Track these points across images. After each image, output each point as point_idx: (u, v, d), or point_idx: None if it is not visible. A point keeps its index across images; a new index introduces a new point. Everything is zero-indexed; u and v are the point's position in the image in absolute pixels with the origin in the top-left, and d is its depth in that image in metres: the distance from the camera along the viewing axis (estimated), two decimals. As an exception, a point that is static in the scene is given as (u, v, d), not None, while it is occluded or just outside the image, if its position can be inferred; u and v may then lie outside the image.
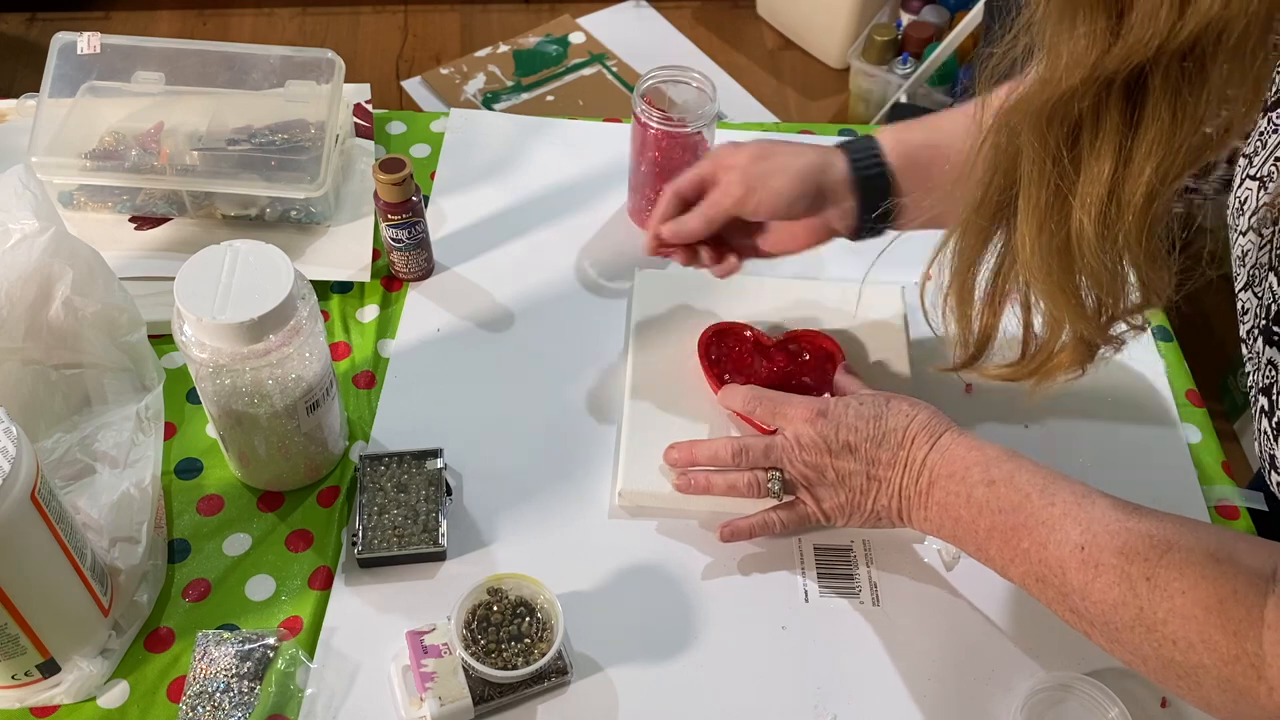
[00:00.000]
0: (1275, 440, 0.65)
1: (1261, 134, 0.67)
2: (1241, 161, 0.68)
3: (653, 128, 0.97)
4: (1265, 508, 0.89)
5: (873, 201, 0.84)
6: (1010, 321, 0.64)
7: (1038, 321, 0.59)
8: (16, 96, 1.10)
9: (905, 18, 2.36)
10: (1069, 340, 0.58)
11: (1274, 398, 0.64)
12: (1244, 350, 0.68)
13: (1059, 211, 0.49)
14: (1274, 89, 0.69)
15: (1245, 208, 0.66)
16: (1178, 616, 0.62)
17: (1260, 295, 0.65)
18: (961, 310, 0.64)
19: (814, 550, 0.84)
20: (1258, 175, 0.66)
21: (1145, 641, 0.64)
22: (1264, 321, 0.65)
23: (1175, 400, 0.95)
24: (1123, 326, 0.56)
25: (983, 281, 0.61)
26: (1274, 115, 0.67)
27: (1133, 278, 0.51)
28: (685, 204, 0.88)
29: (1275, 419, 0.64)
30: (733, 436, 0.84)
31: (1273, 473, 0.65)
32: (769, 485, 0.81)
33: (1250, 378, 0.67)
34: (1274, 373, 0.64)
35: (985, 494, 0.72)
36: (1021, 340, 0.60)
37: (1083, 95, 0.45)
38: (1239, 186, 0.67)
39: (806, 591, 0.82)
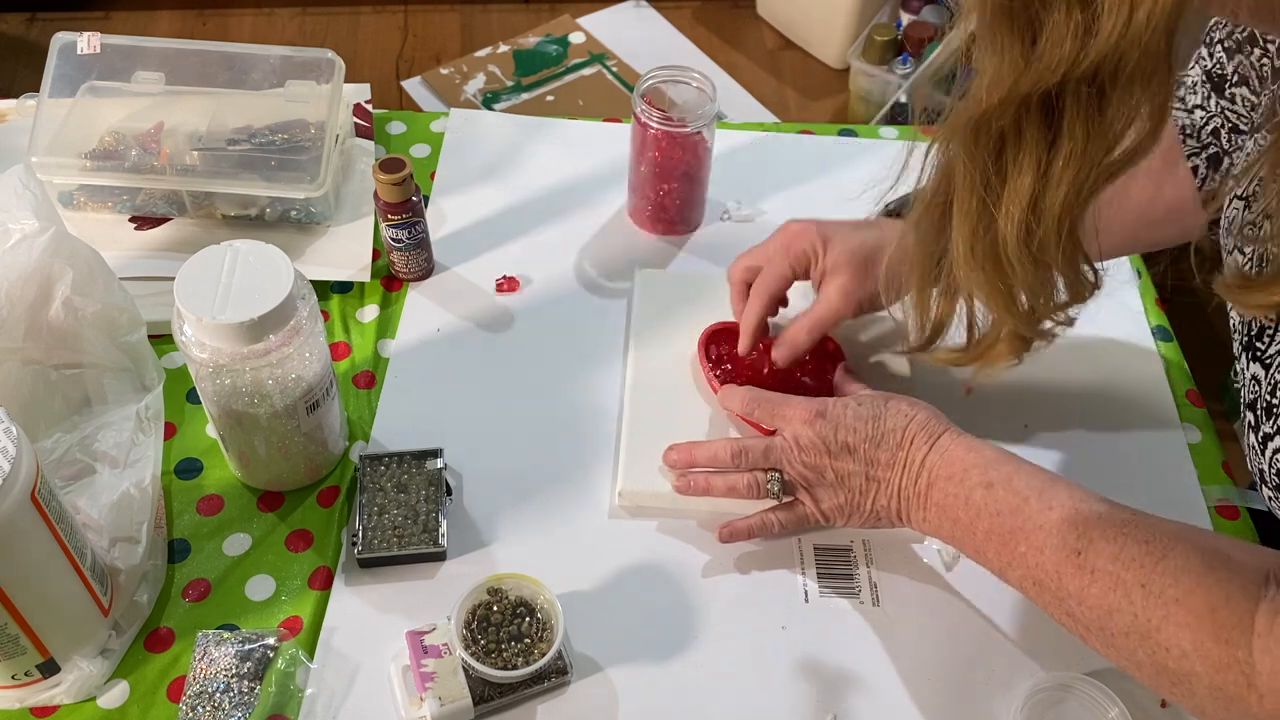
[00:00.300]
0: (1262, 453, 0.65)
1: (1246, 154, 0.68)
2: (1229, 183, 0.69)
3: (653, 128, 0.97)
4: (1265, 507, 0.89)
5: None
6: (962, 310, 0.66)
7: (980, 314, 0.61)
8: (16, 96, 1.10)
9: (905, 18, 2.36)
10: (1006, 333, 0.60)
11: (1259, 413, 0.65)
12: (1235, 366, 0.69)
13: (986, 219, 0.53)
14: (1259, 111, 0.69)
15: (1232, 227, 0.68)
16: (1172, 624, 0.62)
17: (1243, 312, 0.65)
18: (919, 299, 0.66)
19: (814, 550, 0.84)
20: (1244, 195, 0.68)
21: (1140, 648, 0.64)
22: (1247, 338, 0.66)
23: (1175, 400, 0.95)
24: (1050, 323, 0.60)
25: (937, 274, 0.64)
26: (1258, 137, 0.68)
27: (1059, 282, 0.55)
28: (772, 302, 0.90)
29: (1260, 433, 0.65)
30: (732, 438, 0.84)
31: (1263, 487, 0.66)
32: (768, 486, 0.81)
33: (1241, 393, 0.68)
34: (1257, 388, 0.65)
35: (983, 497, 0.72)
36: (966, 329, 0.62)
37: (1002, 114, 0.49)
38: (1227, 207, 0.69)
39: (806, 591, 0.82)
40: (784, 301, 0.92)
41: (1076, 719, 0.76)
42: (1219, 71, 0.79)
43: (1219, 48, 0.79)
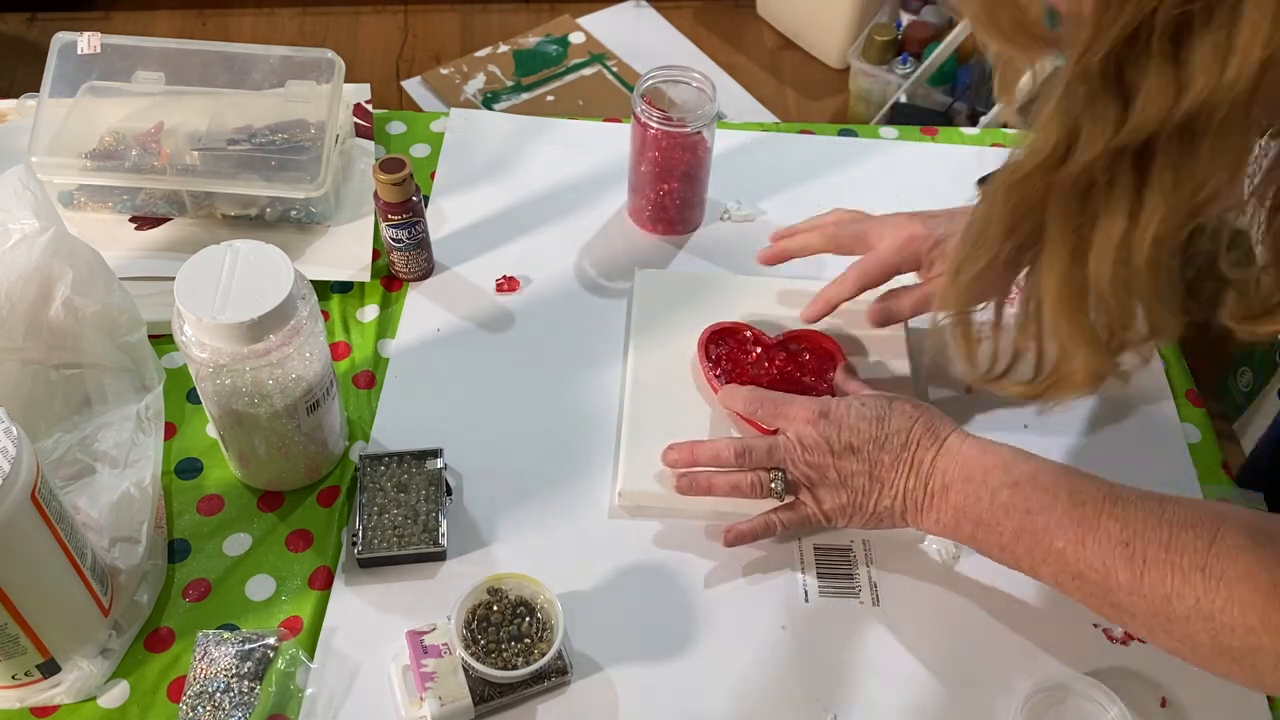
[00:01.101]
0: None
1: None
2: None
3: (652, 128, 0.97)
4: (1265, 508, 0.90)
5: None
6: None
7: (1050, 348, 0.62)
8: (16, 96, 1.10)
9: (905, 18, 2.36)
10: (1079, 367, 0.61)
11: None
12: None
13: (1079, 263, 0.55)
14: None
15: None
16: (1237, 604, 0.63)
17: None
18: (990, 333, 0.66)
19: (814, 550, 0.84)
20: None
21: (1201, 630, 0.65)
22: None
23: (1175, 400, 0.95)
24: (1129, 359, 0.61)
25: (1005, 312, 0.64)
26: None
27: (1141, 316, 0.57)
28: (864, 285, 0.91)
29: None
30: (735, 437, 0.84)
31: None
32: (772, 485, 0.81)
33: None
34: None
35: (1010, 496, 0.73)
36: (1035, 365, 0.63)
37: (1100, 166, 0.52)
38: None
39: (806, 591, 0.82)
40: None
41: (1076, 719, 0.76)
42: None
43: None
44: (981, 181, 0.95)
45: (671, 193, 1.02)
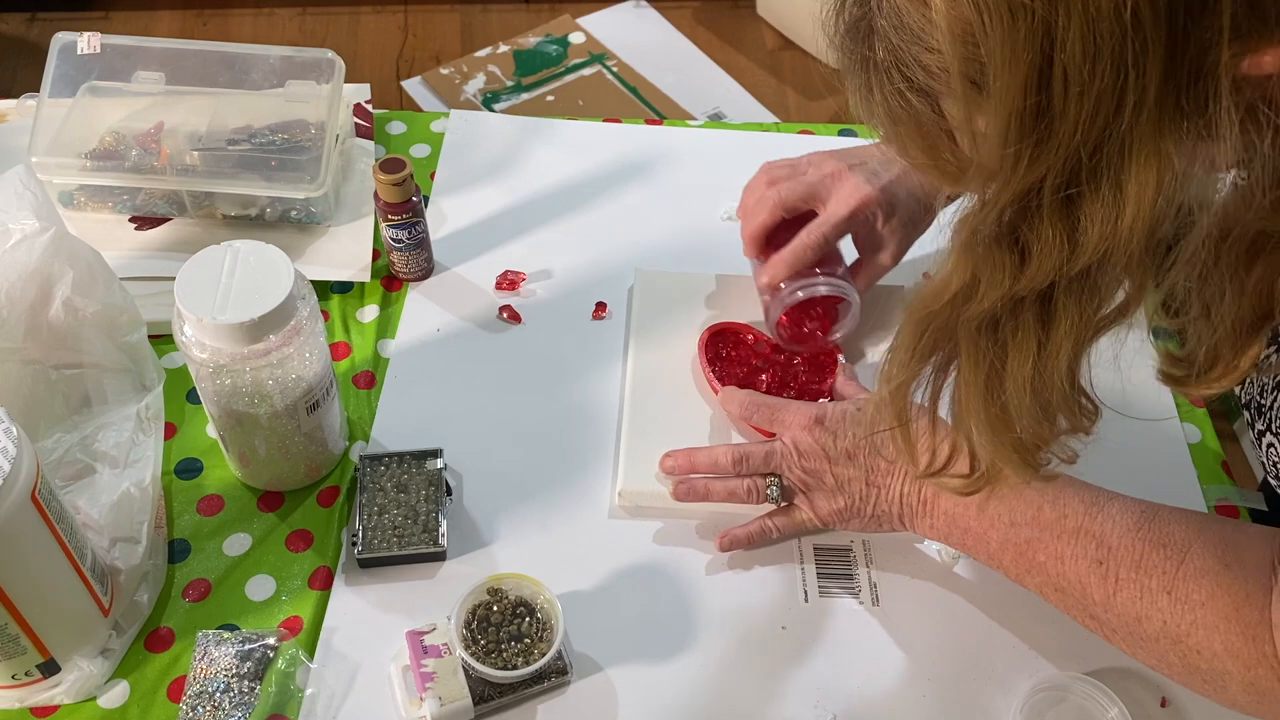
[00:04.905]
0: (1259, 446, 0.66)
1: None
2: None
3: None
4: (1265, 508, 0.90)
5: None
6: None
7: (981, 450, 0.62)
8: (16, 96, 1.10)
9: (905, 18, 2.36)
10: (1009, 471, 0.62)
11: (1252, 411, 0.68)
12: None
13: (995, 390, 0.56)
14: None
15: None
16: (1201, 628, 0.64)
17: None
18: (926, 435, 0.67)
19: (814, 550, 0.84)
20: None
21: (1171, 651, 0.66)
22: None
23: (1175, 400, 0.95)
24: (1061, 451, 0.61)
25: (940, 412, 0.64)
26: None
27: (1063, 419, 0.58)
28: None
29: (1255, 430, 0.66)
30: (733, 444, 0.84)
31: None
32: (768, 491, 0.81)
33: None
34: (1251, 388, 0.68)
35: (996, 506, 0.73)
36: (969, 463, 0.64)
37: (1004, 309, 0.53)
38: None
39: (806, 591, 0.82)
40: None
41: (1076, 719, 0.76)
42: None
43: None
44: None
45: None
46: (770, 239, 0.91)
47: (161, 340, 0.91)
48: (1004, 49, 0.45)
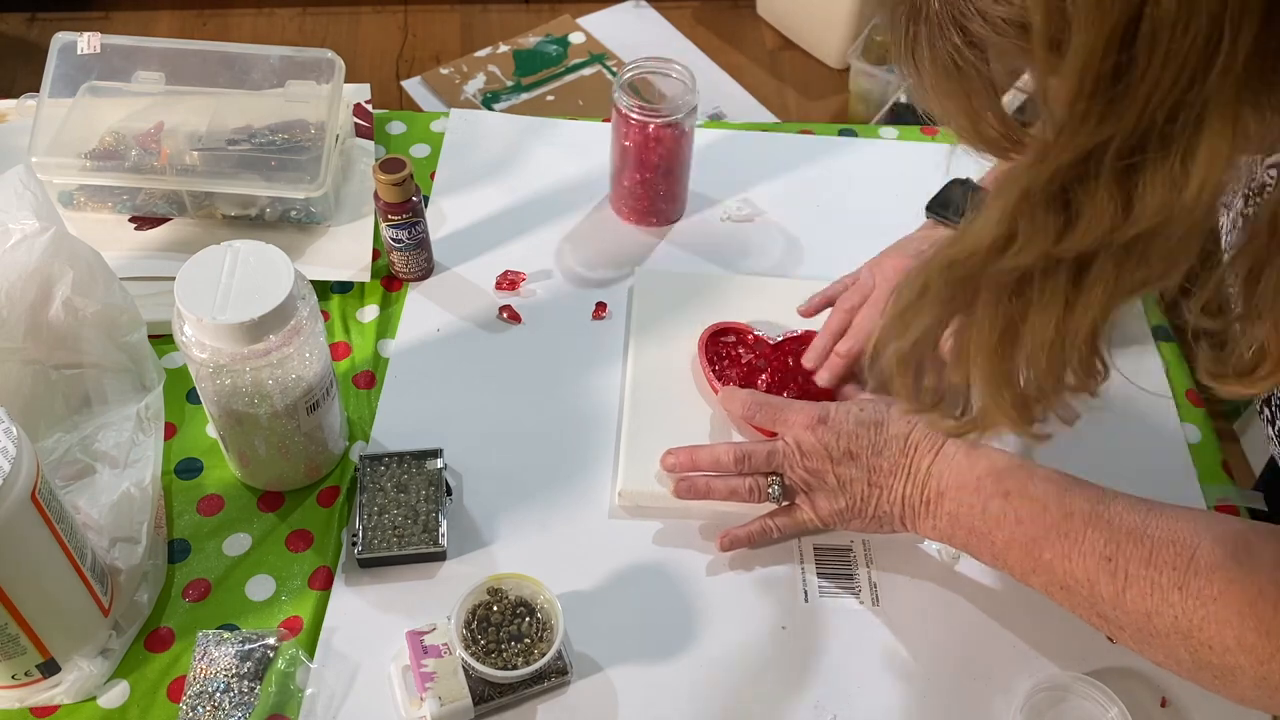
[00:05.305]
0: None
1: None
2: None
3: (633, 118, 0.97)
4: (1265, 508, 0.90)
5: None
6: None
7: (976, 394, 0.60)
8: (16, 96, 1.10)
9: (905, 18, 2.35)
10: (1003, 421, 0.59)
11: (1273, 408, 0.65)
12: None
13: (1008, 346, 0.53)
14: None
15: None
16: (1213, 622, 0.63)
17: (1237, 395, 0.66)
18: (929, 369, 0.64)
19: (814, 550, 0.84)
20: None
21: (1182, 646, 0.65)
22: None
23: (1175, 400, 0.95)
24: (1048, 420, 0.59)
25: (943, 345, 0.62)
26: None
27: (1071, 374, 0.55)
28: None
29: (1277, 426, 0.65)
30: (735, 442, 0.84)
31: None
32: (769, 490, 0.81)
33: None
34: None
35: (1001, 506, 0.73)
36: (962, 404, 0.61)
37: (1038, 268, 0.50)
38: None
39: (806, 591, 0.82)
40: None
41: (1076, 719, 0.76)
42: None
43: None
44: (929, 209, 0.94)
45: (647, 182, 1.02)
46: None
47: (161, 340, 0.91)
48: (1092, 1, 0.42)
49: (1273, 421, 0.68)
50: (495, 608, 0.76)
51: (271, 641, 0.77)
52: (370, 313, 0.98)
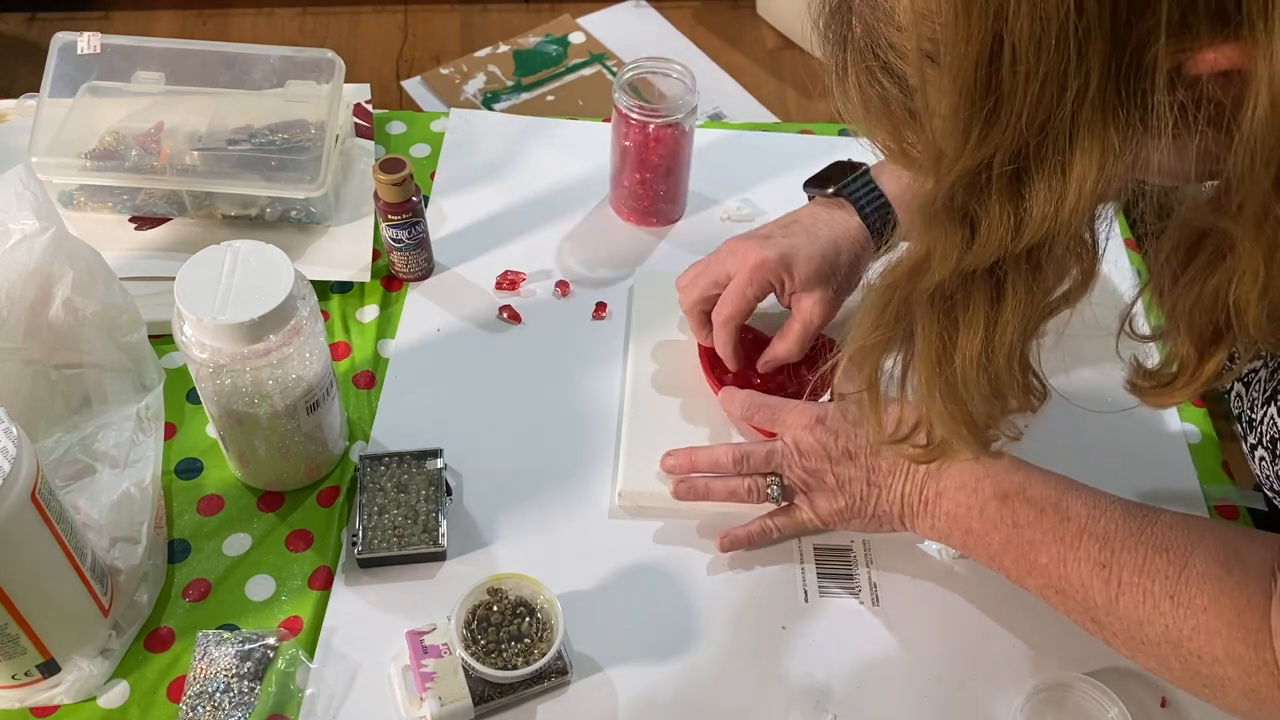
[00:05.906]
0: (1253, 460, 0.67)
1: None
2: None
3: (633, 118, 0.97)
4: (1265, 508, 0.89)
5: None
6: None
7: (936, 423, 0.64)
8: (16, 96, 1.10)
9: (905, 18, 2.36)
10: (960, 446, 0.63)
11: (1243, 425, 0.69)
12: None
13: (946, 365, 0.58)
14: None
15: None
16: (1203, 633, 0.64)
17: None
18: (896, 401, 0.67)
19: (814, 550, 0.84)
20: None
21: (1172, 655, 0.66)
22: None
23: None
24: (1000, 439, 0.63)
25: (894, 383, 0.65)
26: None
27: (1011, 398, 0.59)
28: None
29: (1247, 443, 0.67)
30: (734, 443, 0.84)
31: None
32: (768, 491, 0.81)
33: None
34: (1240, 403, 0.69)
35: (998, 509, 0.73)
36: (926, 434, 0.65)
37: (955, 283, 0.55)
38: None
39: (806, 591, 0.82)
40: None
41: (1076, 719, 0.76)
42: None
43: None
44: (807, 184, 0.94)
45: (646, 182, 1.02)
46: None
47: (161, 340, 0.91)
48: (957, 24, 0.46)
49: (1244, 439, 0.69)
50: (495, 608, 0.76)
51: (271, 641, 0.77)
52: (370, 313, 0.98)
